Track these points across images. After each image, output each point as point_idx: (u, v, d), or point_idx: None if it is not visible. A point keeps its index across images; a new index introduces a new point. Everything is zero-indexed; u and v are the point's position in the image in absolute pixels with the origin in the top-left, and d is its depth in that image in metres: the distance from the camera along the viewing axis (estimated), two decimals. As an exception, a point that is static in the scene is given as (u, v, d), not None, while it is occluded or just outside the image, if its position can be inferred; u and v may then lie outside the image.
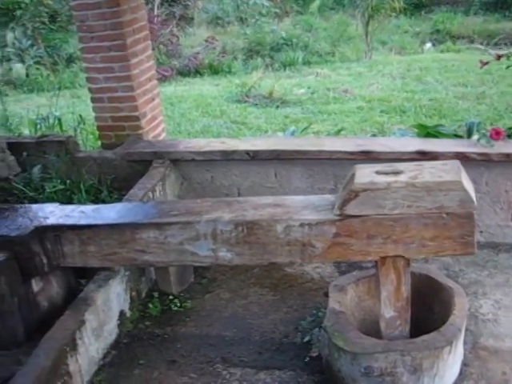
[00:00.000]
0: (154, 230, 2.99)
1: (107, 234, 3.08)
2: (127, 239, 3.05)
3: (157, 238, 3.00)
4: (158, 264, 3.21)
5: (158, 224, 2.99)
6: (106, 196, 4.47)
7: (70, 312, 3.16)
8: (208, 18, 15.21)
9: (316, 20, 14.70)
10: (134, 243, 3.05)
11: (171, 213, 3.04)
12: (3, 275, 3.15)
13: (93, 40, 4.51)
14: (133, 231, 3.02)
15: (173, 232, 2.95)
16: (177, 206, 3.12)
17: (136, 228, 3.02)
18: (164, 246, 3.01)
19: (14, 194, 4.54)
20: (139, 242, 3.03)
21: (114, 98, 4.66)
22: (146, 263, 3.16)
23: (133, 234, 3.03)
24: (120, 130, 4.75)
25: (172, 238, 2.97)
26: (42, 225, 3.23)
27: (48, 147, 4.79)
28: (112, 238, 3.08)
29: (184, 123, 6.97)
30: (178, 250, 3.00)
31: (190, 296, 3.91)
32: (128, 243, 3.06)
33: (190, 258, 3.01)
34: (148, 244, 3.03)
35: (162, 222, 2.99)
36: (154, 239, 3.00)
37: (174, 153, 4.40)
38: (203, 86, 9.39)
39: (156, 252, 3.04)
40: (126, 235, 3.04)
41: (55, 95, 5.90)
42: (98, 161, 4.65)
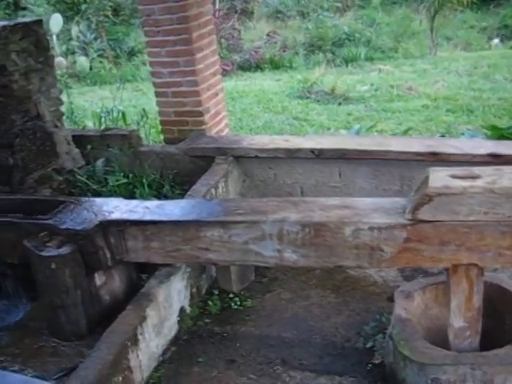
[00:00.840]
0: (218, 229, 2.95)
1: (171, 230, 3.06)
2: (191, 236, 3.02)
3: (221, 237, 2.96)
4: (221, 263, 3.17)
5: (223, 222, 2.95)
6: (168, 191, 4.47)
7: (132, 307, 3.15)
8: (268, 12, 15.13)
9: (378, 14, 14.42)
10: (198, 241, 3.01)
11: (237, 211, 2.99)
12: (68, 268, 3.17)
13: (158, 34, 4.50)
14: (197, 229, 2.99)
15: (238, 231, 2.91)
16: (242, 205, 3.07)
17: (201, 225, 2.99)
18: (228, 245, 2.96)
19: (78, 187, 4.58)
20: (203, 239, 3.00)
21: (178, 92, 4.65)
22: (208, 261, 3.12)
23: (197, 231, 2.99)
24: (183, 125, 4.74)
25: (237, 236, 2.92)
26: (107, 219, 3.23)
27: (111, 141, 4.82)
28: (176, 235, 3.05)
29: (245, 119, 6.93)
30: (242, 250, 2.95)
31: (251, 295, 3.86)
32: (192, 240, 3.03)
33: (254, 258, 2.96)
34: (212, 242, 2.99)
35: (227, 221, 2.95)
36: (219, 237, 2.96)
37: (237, 149, 4.36)
38: (264, 81, 9.32)
39: (220, 250, 3.00)
40: (191, 232, 3.01)
41: (119, 88, 5.92)
42: (160, 155, 4.65)
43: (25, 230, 3.37)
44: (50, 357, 3.27)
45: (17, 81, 4.07)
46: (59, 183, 4.47)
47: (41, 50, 4.29)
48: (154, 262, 3.30)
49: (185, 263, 3.38)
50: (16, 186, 4.12)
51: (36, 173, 4.29)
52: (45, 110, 4.35)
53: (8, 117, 4.01)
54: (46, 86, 4.35)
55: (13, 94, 4.03)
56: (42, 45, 4.31)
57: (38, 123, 4.30)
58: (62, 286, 3.21)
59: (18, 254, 3.47)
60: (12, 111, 4.04)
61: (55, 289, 3.23)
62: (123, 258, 3.28)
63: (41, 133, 4.32)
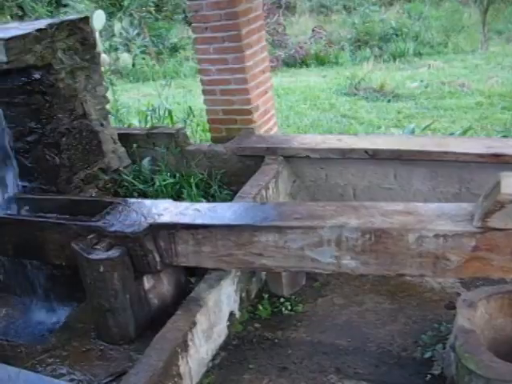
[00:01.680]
0: (273, 234, 2.83)
1: (224, 234, 2.95)
2: (245, 241, 2.91)
3: (276, 242, 2.84)
4: (275, 269, 3.05)
5: (279, 227, 2.83)
6: (215, 191, 4.37)
7: (182, 312, 3.06)
8: (311, 7, 14.92)
9: (425, 8, 14.07)
10: (252, 246, 2.90)
11: (293, 216, 2.86)
12: (116, 271, 3.10)
13: (207, 30, 4.39)
14: (251, 233, 2.88)
15: (294, 236, 2.78)
16: (298, 209, 2.94)
17: (255, 230, 2.87)
18: (283, 251, 2.84)
19: (124, 186, 4.51)
20: (257, 244, 2.89)
21: (227, 90, 4.53)
22: (263, 267, 3.00)
23: (251, 236, 2.88)
24: (231, 124, 4.63)
25: (293, 242, 2.80)
26: (157, 222, 3.14)
27: (158, 139, 4.73)
28: (229, 240, 2.95)
29: (292, 116, 6.78)
30: (298, 256, 2.83)
31: (302, 299, 3.73)
32: (245, 245, 2.92)
33: (311, 265, 2.84)
34: (266, 247, 2.87)
35: (282, 226, 2.83)
36: (274, 243, 2.85)
37: (287, 149, 4.22)
38: (310, 78, 9.16)
39: (274, 256, 2.88)
40: (244, 237, 2.90)
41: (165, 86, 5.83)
42: (207, 154, 4.54)
43: (73, 231, 3.31)
44: (97, 360, 3.22)
45: (63, 79, 4.01)
46: (105, 182, 4.41)
47: (87, 48, 4.22)
48: (204, 267, 3.20)
49: (240, 270, 3.27)
50: (62, 185, 4.06)
51: (82, 172, 4.23)
52: (91, 108, 4.28)
53: (55, 116, 3.95)
54: (92, 84, 4.29)
55: (59, 93, 3.97)
56: (88, 42, 4.23)
57: (85, 122, 4.23)
58: (111, 290, 3.13)
59: (66, 255, 3.42)
60: (58, 110, 3.98)
61: (104, 292, 3.15)
62: (173, 261, 3.19)
63: (87, 132, 4.26)
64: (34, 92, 3.81)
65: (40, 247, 3.52)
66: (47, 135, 3.93)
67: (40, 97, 3.84)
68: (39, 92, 3.82)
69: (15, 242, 3.63)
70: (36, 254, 3.61)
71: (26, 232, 3.55)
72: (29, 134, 3.94)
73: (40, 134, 3.92)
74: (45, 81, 3.84)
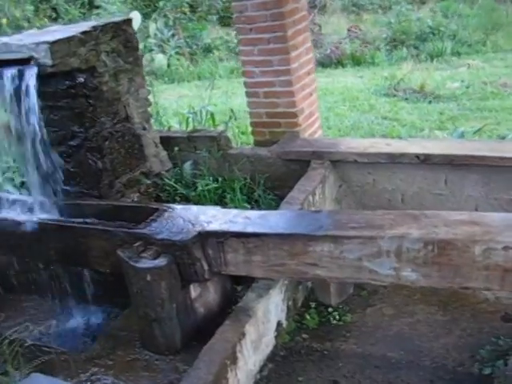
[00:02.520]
0: (329, 244, 2.71)
1: (276, 244, 2.85)
2: (298, 251, 2.80)
3: (332, 252, 2.73)
4: (330, 279, 2.94)
5: (335, 237, 2.71)
6: (259, 196, 4.27)
7: (230, 322, 2.97)
8: (343, 6, 14.73)
9: (459, 6, 13.76)
10: (306, 256, 2.79)
11: (349, 225, 2.75)
12: (164, 280, 3.02)
13: (251, 32, 4.30)
14: (305, 243, 2.77)
15: (351, 247, 2.67)
16: (355, 218, 2.82)
17: (309, 240, 2.76)
18: (339, 261, 2.73)
19: (166, 190, 4.44)
20: (311, 254, 2.78)
21: (271, 92, 4.43)
22: (316, 277, 2.89)
23: (305, 246, 2.77)
24: (275, 127, 4.53)
25: (349, 253, 2.68)
26: (206, 230, 3.04)
27: (199, 142, 4.65)
28: (281, 249, 2.84)
29: (332, 118, 6.65)
30: (354, 267, 2.71)
31: (350, 309, 3.62)
32: (299, 255, 2.81)
33: (368, 276, 2.72)
34: (321, 258, 2.76)
35: (339, 235, 2.71)
36: (329, 253, 2.73)
37: (334, 153, 4.10)
38: (347, 78, 9.01)
39: (329, 267, 2.77)
40: (298, 247, 2.79)
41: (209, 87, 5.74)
42: (250, 158, 4.45)
43: (118, 238, 3.24)
44: (143, 371, 3.14)
45: (106, 82, 3.95)
46: (147, 187, 4.34)
47: (130, 50, 4.16)
48: (255, 277, 3.11)
49: (289, 278, 3.17)
50: (105, 190, 4.00)
51: (124, 176, 4.17)
52: (133, 111, 4.22)
53: (98, 119, 3.89)
54: (134, 87, 4.22)
55: (102, 96, 3.91)
56: (132, 44, 4.17)
57: (127, 125, 4.17)
58: (158, 299, 3.05)
59: (110, 263, 3.35)
60: (102, 113, 3.92)
61: (150, 301, 3.08)
62: (221, 270, 3.10)
63: (129, 135, 4.19)
64: (78, 95, 3.76)
65: (84, 254, 3.46)
66: (90, 139, 3.88)
67: (84, 100, 3.78)
68: (83, 95, 3.77)
69: (58, 248, 3.57)
70: (79, 260, 3.55)
71: (69, 238, 3.49)
72: (72, 138, 3.89)
73: (83, 138, 3.87)
74: (88, 84, 3.78)
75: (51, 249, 3.60)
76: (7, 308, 3.94)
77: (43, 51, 3.47)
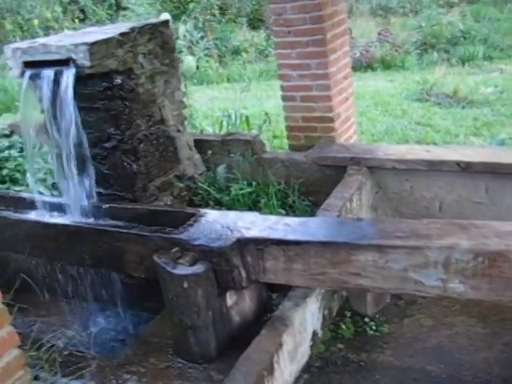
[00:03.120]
0: (373, 253, 2.64)
1: (318, 252, 2.78)
2: (341, 260, 2.73)
3: (376, 262, 2.65)
4: (373, 290, 2.87)
5: (380, 246, 2.64)
6: (294, 201, 4.20)
7: (267, 332, 2.91)
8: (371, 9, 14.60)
9: (489, 9, 13.55)
10: (349, 265, 2.72)
11: (395, 234, 2.67)
12: (201, 288, 2.96)
13: (289, 35, 4.24)
14: (349, 252, 2.70)
15: (396, 256, 2.59)
16: (400, 227, 2.74)
17: (353, 249, 2.69)
18: (383, 271, 2.66)
19: (199, 194, 4.39)
20: (355, 264, 2.71)
21: (308, 97, 4.37)
22: (359, 287, 2.82)
23: (348, 254, 2.70)
24: (311, 132, 4.46)
25: (394, 263, 2.61)
26: (245, 236, 2.98)
27: (233, 146, 4.60)
28: (323, 257, 2.77)
29: (365, 123, 6.56)
30: (399, 277, 2.64)
31: (387, 319, 3.54)
32: (341, 264, 2.74)
33: (413, 287, 2.64)
34: (365, 267, 2.69)
35: (384, 245, 2.64)
36: (373, 263, 2.66)
37: (372, 159, 4.02)
38: (377, 82, 8.90)
39: (373, 277, 2.70)
40: (340, 256, 2.72)
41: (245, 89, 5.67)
42: (285, 163, 4.38)
43: (154, 243, 3.19)
44: (176, 379, 3.08)
45: (143, 84, 3.91)
46: (180, 190, 4.29)
47: (166, 52, 4.12)
48: (294, 285, 3.04)
49: (330, 288, 3.10)
50: (139, 192, 3.97)
51: (158, 179, 4.13)
52: (168, 113, 4.18)
53: (133, 121, 3.86)
54: (170, 89, 4.18)
55: (139, 98, 3.88)
56: (168, 46, 4.13)
57: (162, 128, 4.13)
58: (194, 306, 3.00)
59: (145, 268, 3.31)
60: (137, 116, 3.89)
61: (186, 309, 3.02)
62: (259, 278, 3.04)
63: (164, 138, 4.15)
64: (115, 97, 3.72)
65: (118, 259, 3.42)
66: (125, 141, 3.84)
67: (120, 102, 3.74)
68: (119, 97, 3.73)
69: (93, 251, 3.54)
70: (114, 265, 3.51)
71: (104, 242, 3.45)
72: (107, 140, 3.85)
73: (118, 140, 3.83)
74: (125, 86, 3.75)
75: (85, 252, 3.57)
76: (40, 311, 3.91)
77: (82, 52, 3.44)
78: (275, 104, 7.52)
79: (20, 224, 3.81)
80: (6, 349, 1.87)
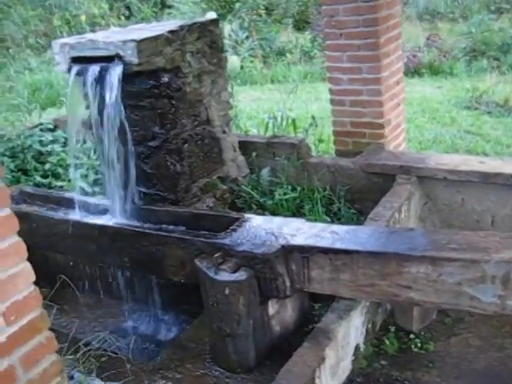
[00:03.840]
0: (426, 265, 2.52)
1: (367, 262, 2.67)
2: (391, 271, 2.61)
3: (428, 275, 2.53)
4: (424, 304, 2.72)
5: (434, 258, 2.51)
6: (339, 209, 4.08)
7: (310, 345, 2.80)
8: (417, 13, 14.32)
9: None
10: (399, 277, 2.60)
11: (449, 246, 2.54)
12: (242, 295, 2.87)
13: (341, 37, 4.12)
14: (399, 263, 2.58)
15: (451, 270, 2.47)
16: (455, 238, 2.61)
17: (404, 260, 2.57)
18: (436, 285, 2.53)
19: (242, 197, 4.29)
20: (406, 276, 2.59)
21: (358, 101, 4.25)
22: (409, 301, 2.69)
23: (399, 266, 2.58)
24: (359, 137, 4.33)
25: (448, 276, 2.48)
26: (290, 244, 2.88)
27: (278, 149, 4.49)
28: (372, 268, 2.66)
29: (412, 130, 6.38)
30: (453, 292, 2.51)
31: (432, 336, 3.39)
32: (391, 276, 2.62)
33: (468, 303, 2.51)
34: (416, 280, 2.57)
35: (438, 257, 2.51)
36: (425, 275, 2.54)
37: (423, 169, 3.87)
38: (424, 88, 8.68)
39: (425, 290, 2.58)
40: (391, 267, 2.60)
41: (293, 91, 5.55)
42: (331, 168, 4.26)
43: (196, 248, 3.11)
44: (212, 388, 3.01)
45: (190, 83, 3.84)
46: (223, 192, 4.21)
47: (215, 51, 4.05)
48: (341, 296, 2.92)
49: (379, 300, 2.97)
50: (181, 193, 3.90)
51: (201, 180, 4.05)
52: (214, 114, 4.10)
53: (179, 121, 3.79)
54: (217, 89, 4.11)
55: (185, 97, 3.81)
56: (217, 45, 4.06)
57: (207, 128, 4.05)
58: (234, 314, 2.91)
59: (186, 272, 3.24)
60: (183, 115, 3.82)
61: (226, 316, 2.94)
62: (304, 287, 2.93)
63: (209, 138, 4.08)
64: (161, 96, 3.66)
65: (158, 262, 3.36)
66: (170, 141, 3.77)
67: (166, 101, 3.68)
68: (166, 96, 3.67)
69: (133, 254, 3.49)
70: (154, 269, 3.46)
71: (144, 245, 3.40)
72: (152, 138, 3.80)
73: (163, 139, 3.77)
74: (172, 84, 3.68)
75: (125, 255, 3.52)
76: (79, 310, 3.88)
77: (130, 49, 3.38)
78: (320, 107, 7.41)
79: (61, 224, 3.77)
80: (44, 354, 1.81)
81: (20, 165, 5.36)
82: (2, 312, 1.67)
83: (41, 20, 14.00)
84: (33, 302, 1.79)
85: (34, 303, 1.79)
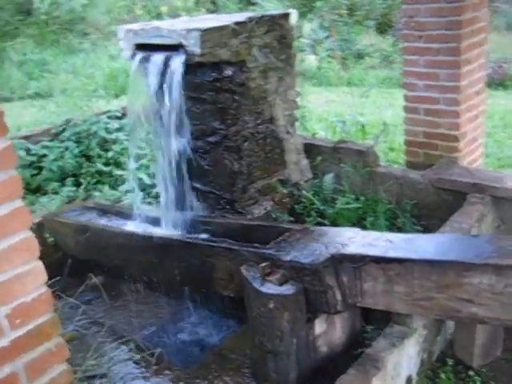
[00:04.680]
0: (489, 275, 2.22)
1: (423, 272, 2.39)
2: (450, 282, 2.33)
3: (493, 286, 2.23)
4: (489, 321, 2.38)
5: (498, 267, 2.21)
6: (404, 224, 3.80)
7: (355, 372, 2.55)
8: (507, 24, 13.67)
9: None
10: (459, 289, 2.31)
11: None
12: (288, 311, 2.66)
13: (420, 40, 3.83)
14: (459, 273, 2.29)
15: None
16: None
17: (464, 269, 2.28)
18: (502, 298, 2.23)
19: (301, 203, 4.07)
20: (466, 288, 2.30)
21: (433, 110, 3.95)
22: (472, 317, 2.38)
23: (459, 276, 2.30)
24: (431, 149, 4.04)
25: (517, 288, 2.18)
26: (340, 252, 2.63)
27: (345, 155, 4.24)
28: (428, 279, 2.38)
29: (491, 145, 5.95)
30: None
31: (495, 376, 3.04)
32: (450, 288, 2.34)
33: None
34: (479, 292, 2.28)
35: (504, 265, 2.20)
36: (489, 287, 2.24)
37: (499, 189, 3.53)
38: (508, 101, 8.20)
39: (489, 304, 2.28)
40: (449, 277, 2.32)
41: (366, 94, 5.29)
42: (399, 180, 3.98)
43: (243, 258, 2.93)
44: (250, 406, 2.83)
45: (255, 79, 3.66)
46: (282, 196, 4.01)
47: (283, 47, 3.85)
48: (395, 311, 2.65)
49: (438, 317, 2.68)
50: (238, 194, 3.72)
51: (260, 182, 3.86)
52: (279, 112, 3.90)
53: (240, 117, 3.61)
54: (283, 87, 3.90)
55: (249, 93, 3.63)
56: (286, 41, 3.86)
57: (270, 127, 3.86)
58: (277, 330, 2.70)
59: (234, 286, 3.08)
60: (245, 112, 3.64)
61: (268, 331, 2.73)
62: (356, 302, 2.67)
63: (271, 138, 3.88)
64: (223, 90, 3.49)
65: (207, 275, 3.21)
66: (230, 138, 3.60)
67: (229, 95, 3.51)
68: (228, 90, 3.49)
69: (183, 267, 3.36)
70: (203, 282, 3.31)
71: (193, 257, 3.26)
72: (211, 134, 3.64)
73: (223, 135, 3.60)
74: (236, 79, 3.50)
75: (175, 267, 3.39)
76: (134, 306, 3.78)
77: (193, 39, 3.22)
78: (394, 114, 7.07)
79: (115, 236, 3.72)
80: (52, 363, 1.65)
81: (84, 150, 5.33)
82: (6, 314, 1.52)
83: (125, 9, 14.17)
84: (43, 305, 1.62)
85: (44, 307, 1.63)
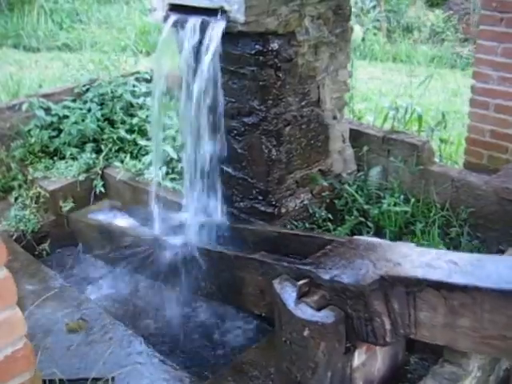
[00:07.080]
0: None
1: (496, 304, 1.91)
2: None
3: None
4: None
5: None
6: (458, 235, 3.32)
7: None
8: None
9: None
10: None
11: None
12: (325, 342, 2.22)
13: (501, 23, 3.30)
14: None
15: None
16: None
17: None
18: None
19: (343, 197, 3.61)
20: None
21: (505, 107, 3.46)
22: None
23: None
24: (499, 152, 3.55)
25: None
26: (391, 274, 2.17)
27: (395, 147, 3.73)
28: (503, 313, 1.90)
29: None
30: None
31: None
32: None
33: None
34: None
35: None
36: None
37: None
38: None
39: None
40: None
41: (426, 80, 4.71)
42: (456, 183, 3.47)
43: (277, 274, 2.52)
44: None
45: (304, 54, 3.19)
46: (321, 188, 3.56)
47: (339, 19, 3.36)
48: (458, 349, 2.19)
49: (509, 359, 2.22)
50: (273, 184, 3.28)
51: (299, 172, 3.42)
52: (327, 95, 3.43)
53: (283, 98, 3.15)
54: (335, 66, 3.42)
55: (295, 70, 3.16)
56: (343, 12, 3.36)
57: (316, 111, 3.39)
58: (310, 361, 2.27)
59: (266, 303, 2.73)
60: (290, 91, 3.18)
61: (300, 360, 2.31)
62: (409, 333, 2.20)
63: (316, 123, 3.41)
64: (267, 65, 3.02)
65: (237, 290, 2.87)
66: (269, 120, 3.15)
67: (272, 72, 3.05)
68: (273, 66, 3.03)
69: (212, 280, 3.04)
70: (232, 298, 2.98)
71: (223, 270, 2.94)
72: (248, 114, 3.19)
73: (261, 117, 3.15)
74: (282, 53, 3.04)
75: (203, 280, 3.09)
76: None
77: (236, 3, 2.77)
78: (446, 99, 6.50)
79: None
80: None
81: (107, 114, 4.88)
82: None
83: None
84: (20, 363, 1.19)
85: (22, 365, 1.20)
